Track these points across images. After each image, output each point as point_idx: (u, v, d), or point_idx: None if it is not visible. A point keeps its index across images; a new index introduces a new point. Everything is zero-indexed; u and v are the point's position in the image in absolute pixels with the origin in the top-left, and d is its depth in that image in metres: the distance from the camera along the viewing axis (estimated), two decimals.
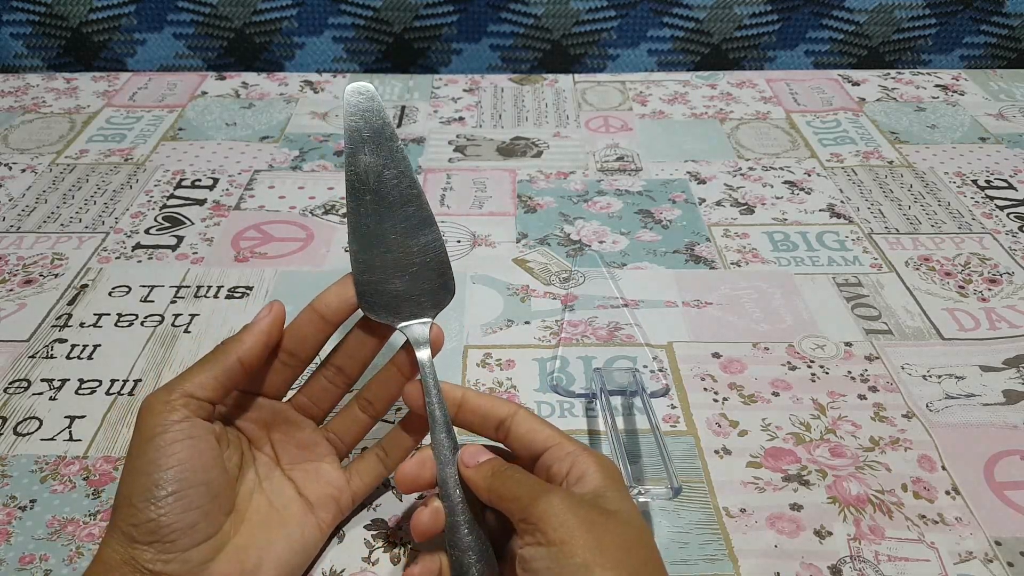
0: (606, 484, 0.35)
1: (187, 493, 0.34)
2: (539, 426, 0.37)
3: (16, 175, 0.72)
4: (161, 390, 0.35)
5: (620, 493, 0.34)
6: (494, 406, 0.38)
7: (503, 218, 0.67)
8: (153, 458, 0.33)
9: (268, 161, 0.75)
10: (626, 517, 0.33)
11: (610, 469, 0.36)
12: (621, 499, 0.34)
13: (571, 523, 0.32)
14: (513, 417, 0.38)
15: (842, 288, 0.59)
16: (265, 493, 0.38)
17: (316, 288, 0.60)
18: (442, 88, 0.89)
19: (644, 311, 0.57)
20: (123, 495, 0.34)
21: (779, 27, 0.95)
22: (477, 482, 0.36)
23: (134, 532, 0.33)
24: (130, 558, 0.33)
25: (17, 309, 0.56)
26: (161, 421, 0.34)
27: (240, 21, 0.94)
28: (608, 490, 0.34)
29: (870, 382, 0.51)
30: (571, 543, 0.31)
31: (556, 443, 0.37)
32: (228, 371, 0.36)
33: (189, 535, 0.34)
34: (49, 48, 0.96)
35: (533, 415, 0.38)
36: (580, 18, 0.94)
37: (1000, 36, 0.96)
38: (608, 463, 0.36)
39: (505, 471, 0.36)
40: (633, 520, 0.33)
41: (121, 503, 0.34)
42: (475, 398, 0.39)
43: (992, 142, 0.78)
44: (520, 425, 0.38)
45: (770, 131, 0.80)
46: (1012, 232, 0.65)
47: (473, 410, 0.39)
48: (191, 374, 0.36)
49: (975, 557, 0.40)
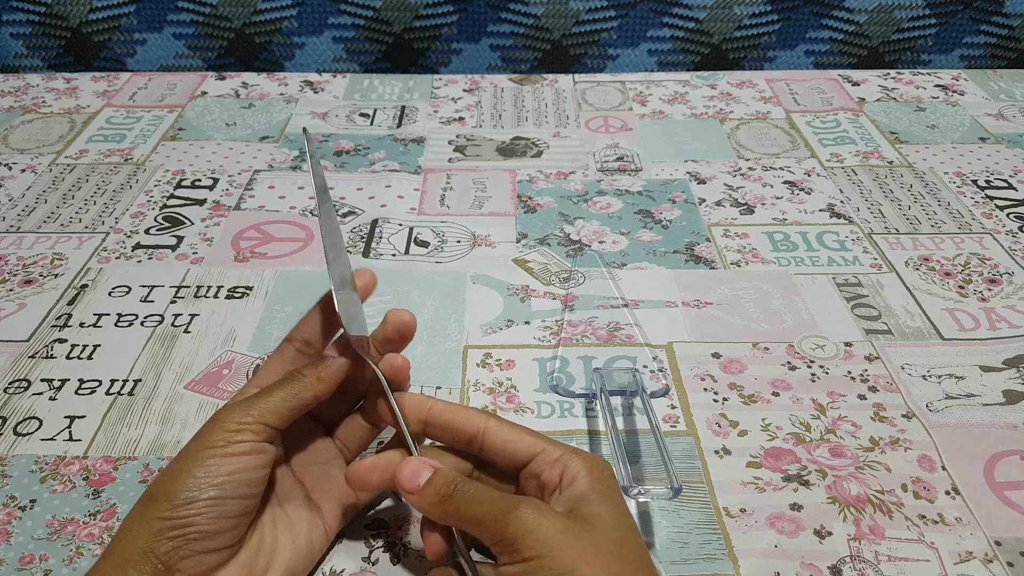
0: (593, 486, 0.34)
1: (226, 503, 0.34)
2: (516, 435, 0.36)
3: (16, 175, 0.72)
4: (238, 408, 0.36)
5: (605, 494, 0.34)
6: (462, 421, 0.37)
7: (503, 218, 0.67)
8: (208, 465, 0.34)
9: (268, 161, 0.75)
10: (606, 519, 0.33)
11: (599, 470, 0.35)
12: (605, 501, 0.34)
13: (546, 535, 0.31)
14: (485, 431, 0.37)
15: (842, 288, 0.59)
16: (277, 495, 0.38)
17: (316, 288, 0.60)
18: (442, 88, 0.89)
19: (644, 311, 0.57)
20: (164, 489, 0.34)
21: (779, 27, 0.95)
22: (425, 509, 0.35)
23: (164, 525, 0.33)
24: (148, 550, 0.33)
25: (17, 309, 0.56)
26: (229, 438, 0.34)
27: (240, 21, 0.94)
28: (591, 492, 0.34)
29: (870, 382, 0.51)
30: (549, 556, 0.31)
31: (541, 450, 0.36)
32: (303, 406, 0.37)
33: (213, 539, 0.34)
34: (49, 48, 0.96)
35: (505, 423, 0.37)
36: (580, 18, 0.94)
37: (1000, 36, 0.96)
38: (597, 463, 0.35)
39: (458, 494, 0.34)
40: (614, 522, 0.33)
41: (159, 496, 0.34)
42: (441, 413, 0.38)
43: (992, 142, 0.78)
44: (495, 437, 0.37)
45: (770, 131, 0.80)
46: (1012, 232, 0.65)
47: (442, 424, 0.38)
48: (268, 399, 0.36)
49: (975, 557, 0.40)
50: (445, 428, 0.38)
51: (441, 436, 0.38)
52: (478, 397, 0.49)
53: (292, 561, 0.37)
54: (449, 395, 0.50)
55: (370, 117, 0.83)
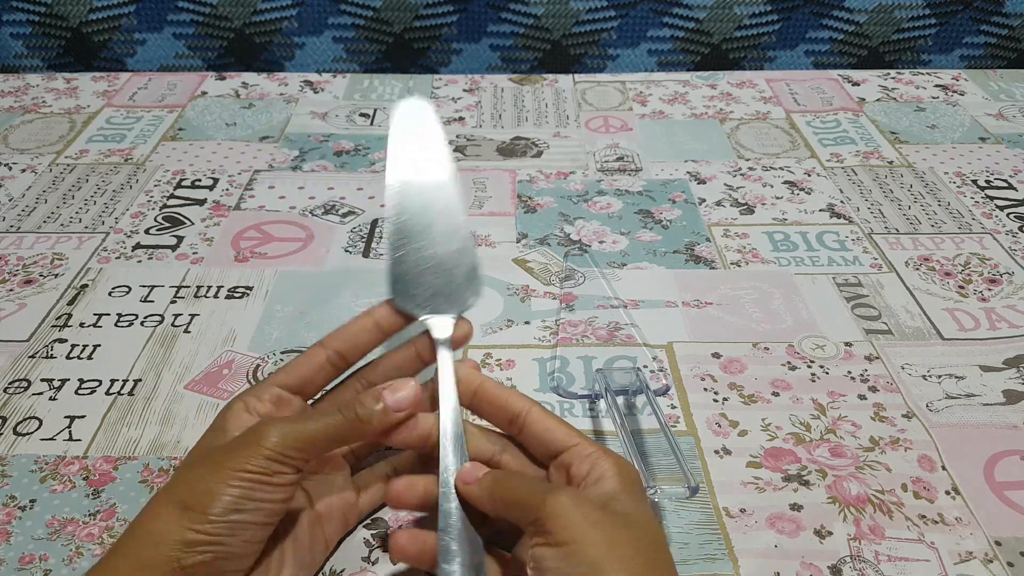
0: (622, 487, 0.34)
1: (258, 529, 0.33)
2: (555, 424, 0.37)
3: (16, 175, 0.72)
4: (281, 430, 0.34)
5: (635, 496, 0.34)
6: (509, 399, 0.38)
7: (503, 218, 0.67)
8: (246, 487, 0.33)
9: (268, 161, 0.75)
10: (637, 519, 0.33)
11: (628, 473, 0.35)
12: (636, 502, 0.34)
13: (580, 522, 0.31)
14: (528, 413, 0.37)
15: (842, 288, 0.59)
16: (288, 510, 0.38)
17: (316, 288, 0.60)
18: (442, 88, 0.89)
19: (644, 311, 0.57)
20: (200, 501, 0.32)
21: (779, 27, 0.95)
22: (478, 494, 0.36)
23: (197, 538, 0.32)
24: (175, 559, 0.32)
25: (17, 309, 0.56)
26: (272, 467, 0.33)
27: (240, 21, 0.94)
28: (622, 493, 0.34)
29: (870, 382, 0.51)
30: (581, 542, 0.31)
31: (575, 443, 0.36)
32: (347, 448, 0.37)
33: (238, 561, 0.33)
34: (49, 48, 0.96)
35: (548, 412, 0.38)
36: (580, 18, 0.94)
37: (1000, 36, 0.96)
38: (627, 467, 0.36)
39: (505, 478, 0.36)
40: (645, 523, 0.33)
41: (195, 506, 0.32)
42: (492, 388, 0.39)
43: (992, 142, 0.78)
44: (536, 423, 0.37)
45: (770, 131, 0.80)
46: (1012, 232, 0.65)
47: (489, 400, 0.39)
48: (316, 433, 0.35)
49: (975, 557, 0.40)
50: (492, 403, 0.39)
51: (485, 411, 0.39)
52: None
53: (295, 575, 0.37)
54: None
55: (370, 117, 0.83)
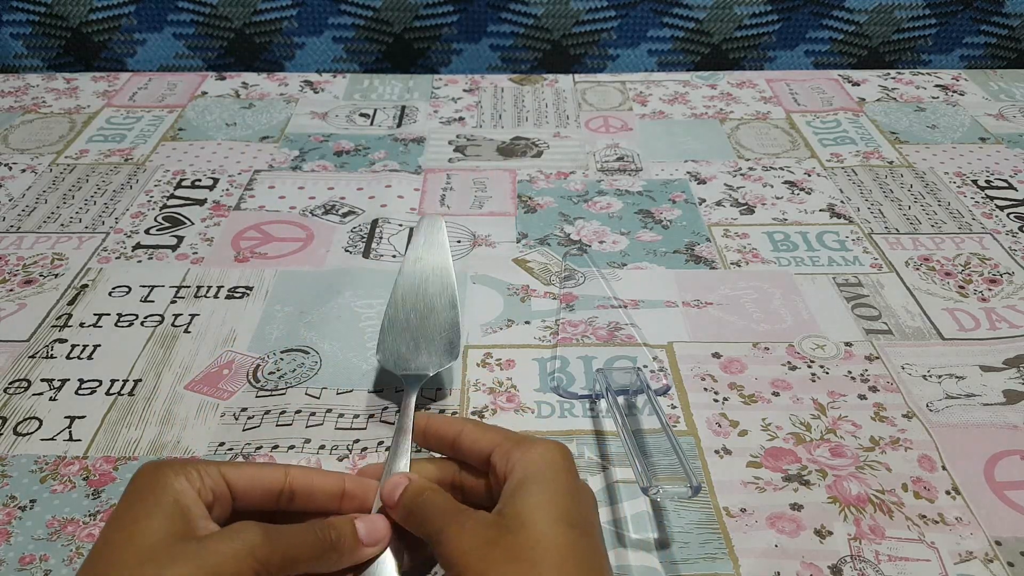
0: (525, 478, 0.35)
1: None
2: (481, 434, 0.38)
3: (16, 175, 0.72)
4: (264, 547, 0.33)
5: (540, 484, 0.34)
6: (442, 426, 0.40)
7: (503, 218, 0.67)
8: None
9: (268, 161, 0.75)
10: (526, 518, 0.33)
11: (538, 457, 0.36)
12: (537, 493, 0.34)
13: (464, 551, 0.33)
14: (460, 434, 0.39)
15: (842, 288, 0.59)
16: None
17: (316, 288, 0.60)
18: (442, 88, 0.89)
19: (644, 311, 0.57)
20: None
21: (779, 27, 0.95)
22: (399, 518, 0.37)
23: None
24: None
25: (17, 309, 0.56)
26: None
27: (240, 21, 0.94)
28: (522, 485, 0.34)
29: (870, 382, 0.51)
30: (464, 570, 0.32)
31: (496, 445, 0.37)
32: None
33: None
34: (49, 48, 0.96)
35: (480, 425, 0.39)
36: (580, 18, 0.94)
37: (1000, 36, 0.96)
38: (537, 450, 0.36)
39: (420, 496, 0.36)
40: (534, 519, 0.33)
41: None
42: (434, 422, 0.41)
43: (992, 142, 0.78)
44: (465, 439, 0.39)
45: (770, 131, 0.80)
46: (1012, 232, 0.65)
47: (432, 433, 0.40)
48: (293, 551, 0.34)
49: (975, 557, 0.40)
50: (435, 436, 0.41)
51: (433, 446, 0.41)
52: (478, 397, 0.49)
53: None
54: (449, 395, 0.50)
55: (370, 117, 0.83)
